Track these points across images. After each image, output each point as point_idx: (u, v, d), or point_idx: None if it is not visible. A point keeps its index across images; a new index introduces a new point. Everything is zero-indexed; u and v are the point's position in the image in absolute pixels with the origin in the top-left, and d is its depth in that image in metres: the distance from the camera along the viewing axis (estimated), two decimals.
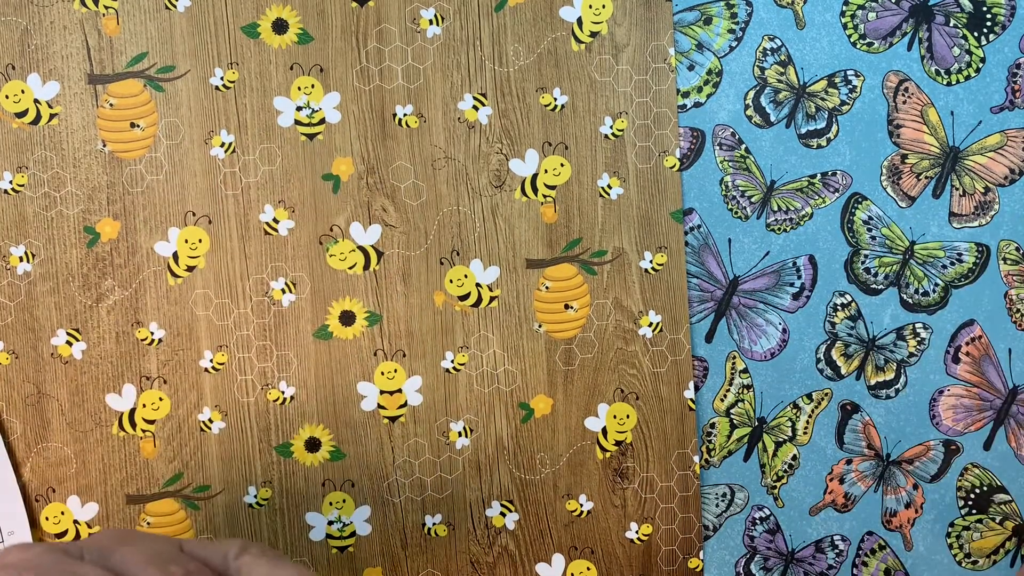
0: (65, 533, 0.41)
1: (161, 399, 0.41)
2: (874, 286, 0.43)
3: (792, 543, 0.45)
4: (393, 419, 0.42)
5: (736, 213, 0.43)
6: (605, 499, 0.43)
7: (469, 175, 0.42)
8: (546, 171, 0.42)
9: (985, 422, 0.44)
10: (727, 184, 0.43)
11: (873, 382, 0.44)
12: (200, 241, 0.41)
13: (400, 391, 0.42)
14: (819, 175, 0.43)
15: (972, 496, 0.45)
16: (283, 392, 0.42)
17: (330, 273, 0.42)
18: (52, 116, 0.40)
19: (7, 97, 0.40)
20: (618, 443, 0.43)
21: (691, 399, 0.43)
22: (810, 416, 0.44)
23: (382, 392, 0.42)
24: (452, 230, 0.42)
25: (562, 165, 0.42)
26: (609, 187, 0.42)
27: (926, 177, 0.43)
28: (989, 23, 0.43)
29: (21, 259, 0.40)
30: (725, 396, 0.44)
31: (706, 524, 0.45)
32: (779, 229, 0.43)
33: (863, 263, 0.43)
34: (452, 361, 0.42)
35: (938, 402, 0.44)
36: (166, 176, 0.41)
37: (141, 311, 0.41)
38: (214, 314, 0.41)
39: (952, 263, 0.43)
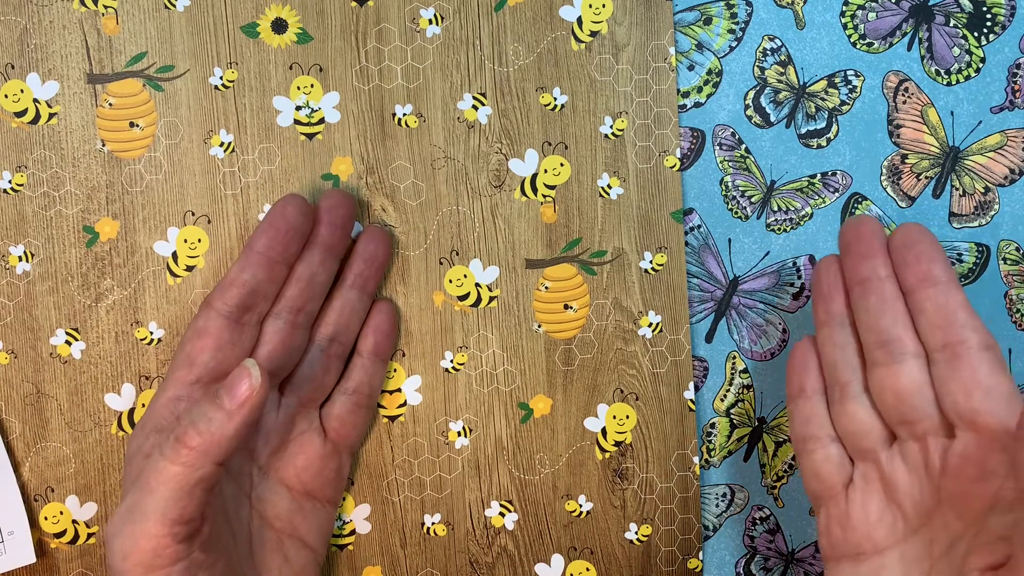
0: (64, 533, 0.41)
1: None
2: None
3: (792, 543, 0.45)
4: (392, 418, 0.42)
5: (736, 213, 0.43)
6: (604, 500, 0.43)
7: (469, 175, 0.42)
8: (546, 171, 0.42)
9: None
10: (727, 184, 0.43)
11: None
12: (199, 241, 0.41)
13: (399, 390, 0.42)
14: (819, 175, 0.43)
15: None
16: None
17: None
18: (51, 115, 0.40)
19: (6, 96, 0.40)
20: (617, 444, 0.43)
21: (691, 399, 0.43)
22: None
23: (381, 392, 0.42)
24: (451, 230, 0.42)
25: (562, 165, 0.42)
26: (609, 187, 0.42)
27: (926, 177, 0.43)
28: (989, 23, 0.43)
29: (20, 259, 0.40)
30: (725, 396, 0.44)
31: (706, 524, 0.45)
32: (779, 229, 0.43)
33: None
34: (451, 361, 0.42)
35: None
36: (165, 176, 0.41)
37: (140, 311, 0.41)
38: None
39: (952, 263, 0.43)
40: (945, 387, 0.33)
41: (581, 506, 0.43)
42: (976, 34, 0.43)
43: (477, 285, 0.42)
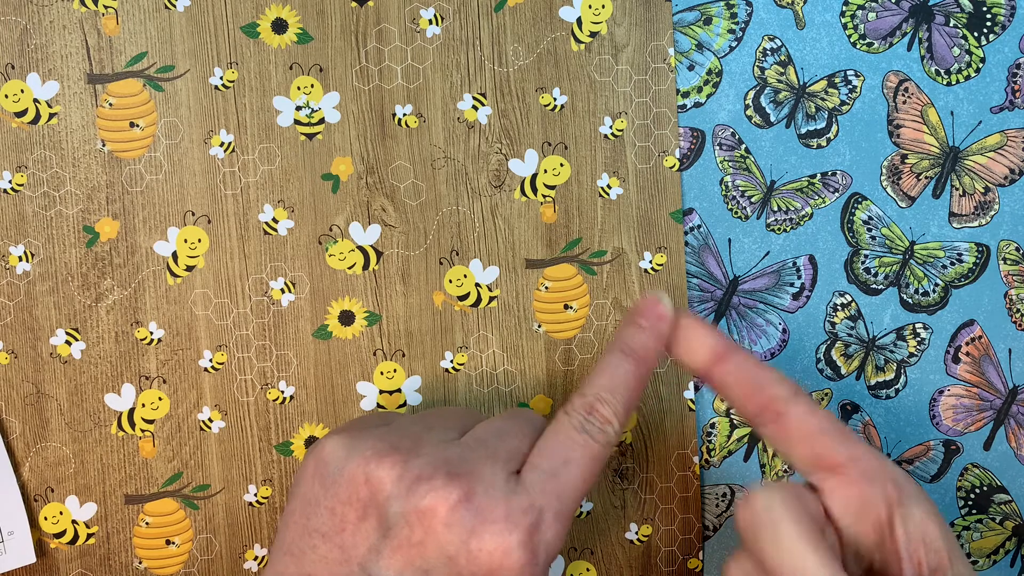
0: (64, 533, 0.41)
1: (160, 399, 0.41)
2: (874, 286, 0.43)
3: None
4: None
5: (736, 213, 0.43)
6: (605, 500, 0.43)
7: (468, 175, 0.42)
8: (545, 171, 0.42)
9: (985, 422, 0.44)
10: (727, 184, 0.43)
11: (873, 382, 0.44)
12: (199, 241, 0.41)
13: (399, 391, 0.42)
14: (819, 175, 0.43)
15: (972, 496, 0.45)
16: (283, 391, 0.42)
17: (329, 273, 0.42)
18: (51, 116, 0.40)
19: (6, 96, 0.40)
20: (618, 444, 0.43)
21: (691, 400, 0.43)
22: None
23: (381, 392, 0.42)
24: (451, 230, 0.42)
25: (561, 165, 0.42)
26: (609, 187, 0.42)
27: (926, 177, 0.43)
28: (989, 23, 0.43)
29: (20, 259, 0.40)
30: None
31: (706, 524, 0.45)
32: (779, 229, 0.43)
33: (863, 263, 0.43)
34: (451, 361, 0.42)
35: (938, 402, 0.44)
36: (165, 176, 0.41)
37: (140, 311, 0.41)
38: (213, 314, 0.41)
39: (952, 263, 0.43)
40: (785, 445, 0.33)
41: (581, 506, 0.43)
42: (976, 34, 0.43)
43: (477, 285, 0.42)
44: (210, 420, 0.42)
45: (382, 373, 0.42)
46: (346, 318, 0.42)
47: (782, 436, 0.33)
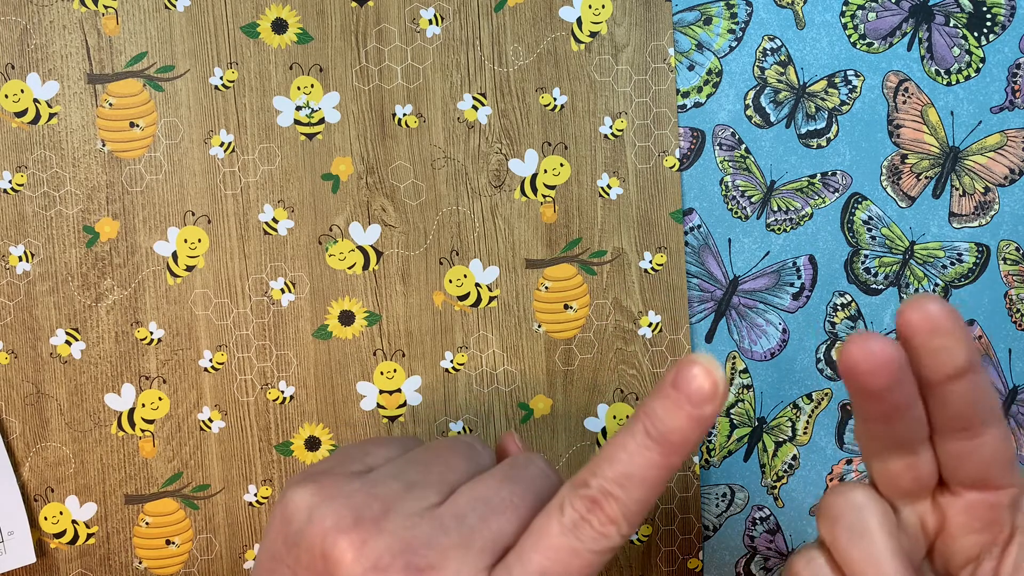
0: (64, 533, 0.41)
1: (160, 399, 0.41)
2: (874, 286, 0.43)
3: (792, 543, 0.45)
4: (392, 419, 0.42)
5: (736, 213, 0.43)
6: None
7: (468, 175, 0.42)
8: (545, 171, 0.42)
9: None
10: (727, 184, 0.43)
11: None
12: (199, 241, 0.41)
13: (399, 391, 0.42)
14: (819, 175, 0.43)
15: None
16: (283, 391, 0.42)
17: (329, 273, 0.42)
18: (51, 116, 0.40)
19: (6, 96, 0.40)
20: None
21: None
22: (810, 416, 0.44)
23: (381, 392, 0.42)
24: (451, 230, 0.42)
25: (561, 165, 0.42)
26: (609, 187, 0.42)
27: (926, 177, 0.43)
28: (989, 23, 0.43)
29: (20, 259, 0.40)
30: None
31: (706, 524, 0.45)
32: (779, 229, 0.43)
33: (863, 263, 0.43)
34: (451, 361, 0.42)
35: None
36: (165, 176, 0.41)
37: (140, 311, 0.41)
38: (213, 314, 0.41)
39: (952, 263, 0.43)
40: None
41: None
42: (976, 34, 0.43)
43: (477, 285, 0.42)
44: (210, 420, 0.42)
45: (382, 373, 0.42)
46: (346, 318, 0.42)
47: (960, 451, 0.28)
